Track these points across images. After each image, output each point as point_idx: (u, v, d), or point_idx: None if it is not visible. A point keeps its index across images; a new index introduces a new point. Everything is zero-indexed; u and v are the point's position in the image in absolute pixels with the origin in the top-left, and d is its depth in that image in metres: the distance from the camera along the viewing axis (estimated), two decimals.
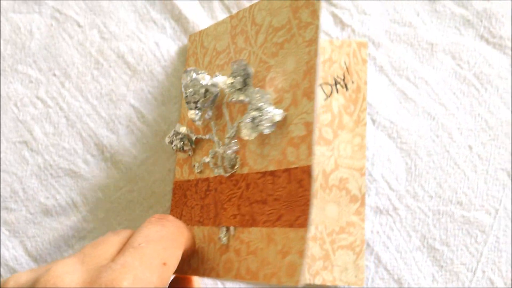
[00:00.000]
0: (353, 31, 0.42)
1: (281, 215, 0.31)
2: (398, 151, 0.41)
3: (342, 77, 0.41)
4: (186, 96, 0.37)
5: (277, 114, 0.32)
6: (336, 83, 0.41)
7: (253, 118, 0.33)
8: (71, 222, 0.42)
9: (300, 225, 0.29)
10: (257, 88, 0.34)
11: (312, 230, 0.39)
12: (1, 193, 0.42)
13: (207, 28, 0.41)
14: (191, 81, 0.36)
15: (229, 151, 0.35)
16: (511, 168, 0.40)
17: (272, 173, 0.32)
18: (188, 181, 0.38)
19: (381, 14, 0.42)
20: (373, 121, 0.41)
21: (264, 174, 0.33)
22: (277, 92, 0.33)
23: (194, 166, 0.38)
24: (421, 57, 0.42)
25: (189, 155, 0.39)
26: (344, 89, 0.41)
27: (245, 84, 0.35)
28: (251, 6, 0.37)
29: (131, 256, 0.28)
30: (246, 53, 0.36)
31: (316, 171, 0.40)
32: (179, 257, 0.31)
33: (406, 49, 0.42)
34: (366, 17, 0.42)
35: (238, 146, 0.35)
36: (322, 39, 0.41)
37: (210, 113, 0.37)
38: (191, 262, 0.36)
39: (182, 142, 0.38)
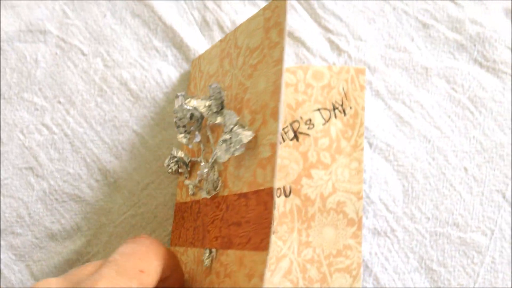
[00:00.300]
0: (349, 56, 0.43)
1: (250, 238, 0.30)
2: (395, 173, 0.41)
3: (341, 103, 0.42)
4: (175, 120, 0.38)
5: (245, 135, 0.32)
6: (334, 109, 0.42)
7: (225, 140, 0.33)
8: (76, 246, 0.43)
9: (263, 248, 0.29)
10: (229, 111, 0.34)
11: (309, 253, 0.40)
12: (8, 218, 0.43)
13: (204, 52, 0.42)
14: (179, 106, 0.37)
15: (211, 173, 0.36)
16: (506, 190, 0.41)
17: (245, 195, 0.32)
18: (185, 203, 0.40)
19: (377, 40, 0.43)
20: (370, 144, 0.42)
21: (239, 196, 0.33)
22: (251, 113, 0.33)
23: (188, 188, 0.39)
24: (416, 81, 0.43)
25: (186, 177, 0.40)
26: (342, 114, 0.41)
27: (221, 107, 0.36)
28: (235, 29, 0.38)
29: (107, 268, 0.29)
30: (230, 75, 0.37)
31: (314, 194, 0.40)
32: (158, 267, 0.31)
33: (401, 73, 0.43)
34: (362, 43, 0.43)
35: (216, 167, 0.36)
36: (321, 65, 0.43)
37: (198, 136, 0.38)
38: (185, 284, 0.36)
39: (176, 165, 0.39)
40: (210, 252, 0.34)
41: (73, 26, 0.46)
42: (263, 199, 0.30)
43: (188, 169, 0.39)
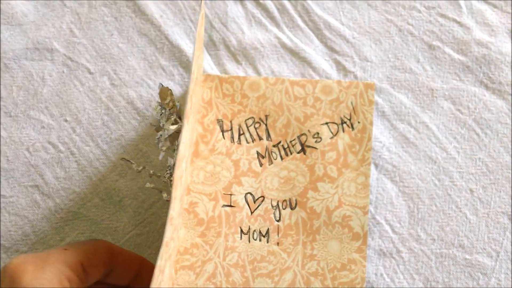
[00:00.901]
0: (355, 77, 0.44)
1: None
2: (401, 194, 0.42)
3: (349, 117, 0.42)
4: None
5: (170, 129, 0.33)
6: (342, 123, 0.42)
7: (159, 138, 0.35)
8: None
9: None
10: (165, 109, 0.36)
11: (313, 266, 0.40)
12: (13, 236, 0.43)
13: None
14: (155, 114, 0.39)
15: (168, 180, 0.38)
16: None
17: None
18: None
19: (383, 61, 0.44)
20: (376, 165, 0.42)
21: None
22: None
23: None
24: (422, 102, 0.43)
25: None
26: (350, 128, 0.42)
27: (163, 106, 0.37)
28: None
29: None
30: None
31: (320, 207, 0.41)
32: (89, 250, 0.34)
33: (407, 94, 0.43)
34: (368, 64, 0.44)
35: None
36: (330, 80, 0.43)
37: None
38: None
39: (169, 173, 0.40)
40: None
41: (80, 44, 0.46)
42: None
43: None
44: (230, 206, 0.41)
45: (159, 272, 0.30)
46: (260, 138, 0.42)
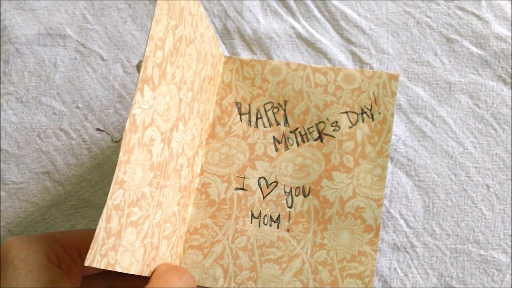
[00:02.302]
0: (371, 69, 0.43)
1: None
2: (416, 188, 0.41)
3: (369, 107, 0.41)
4: None
5: None
6: (362, 113, 0.41)
7: None
8: None
9: None
10: None
11: (323, 255, 0.39)
12: (23, 223, 0.43)
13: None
14: None
15: None
16: None
17: None
18: None
19: (400, 53, 0.43)
20: (391, 159, 0.41)
21: None
22: None
23: None
24: (439, 96, 0.42)
25: None
26: (370, 119, 0.41)
27: None
28: None
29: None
30: None
31: (333, 197, 0.40)
32: (86, 236, 0.33)
33: (424, 88, 0.42)
34: (384, 56, 0.43)
35: None
36: (353, 68, 0.43)
37: None
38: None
39: None
40: None
41: (93, 31, 0.46)
42: None
43: None
44: (243, 189, 0.41)
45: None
46: (278, 123, 0.42)
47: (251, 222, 0.40)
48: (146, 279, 0.36)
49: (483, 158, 0.41)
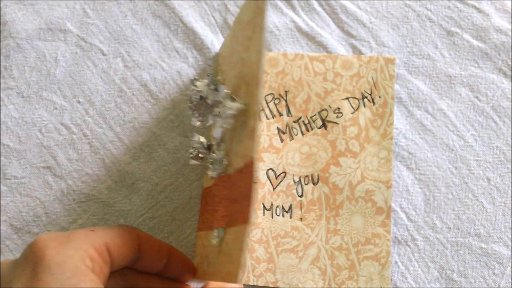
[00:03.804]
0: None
1: (241, 212, 0.29)
2: (417, 182, 0.41)
3: (370, 92, 0.42)
4: (189, 105, 0.37)
5: (232, 107, 0.32)
6: (363, 97, 0.42)
7: (216, 115, 0.33)
8: None
9: (243, 221, 0.28)
10: (221, 85, 0.33)
11: (337, 241, 0.39)
12: (24, 217, 0.43)
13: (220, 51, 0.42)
14: (191, 90, 0.36)
15: (217, 153, 0.36)
16: None
17: (241, 170, 0.31)
18: (209, 187, 0.40)
19: (400, 46, 0.43)
20: (392, 151, 0.41)
21: (238, 171, 0.32)
22: (246, 85, 0.32)
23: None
24: (439, 89, 0.42)
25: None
26: (371, 103, 0.41)
27: (215, 83, 0.34)
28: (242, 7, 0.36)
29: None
30: (235, 53, 0.36)
31: (342, 182, 0.40)
32: (115, 234, 0.33)
33: (424, 81, 0.42)
34: (385, 49, 0.43)
35: (226, 148, 0.34)
36: (350, 54, 0.43)
37: (209, 119, 0.36)
38: (203, 268, 0.36)
39: (197, 150, 0.39)
40: (218, 231, 0.34)
41: (93, 25, 0.46)
42: (249, 170, 0.29)
43: (207, 154, 0.39)
44: None
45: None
46: (280, 114, 0.42)
47: (264, 215, 0.40)
48: (161, 280, 0.36)
49: (484, 151, 0.41)
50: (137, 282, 0.35)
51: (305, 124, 0.42)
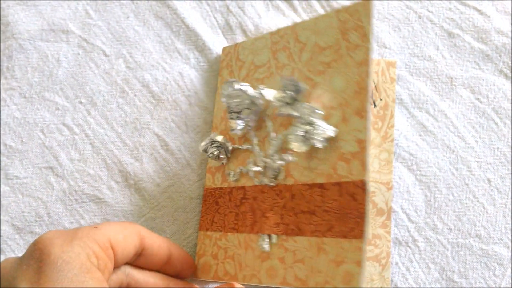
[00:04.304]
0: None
1: (332, 226, 0.33)
2: (418, 183, 0.41)
3: (371, 95, 0.42)
4: (229, 106, 0.38)
5: (330, 129, 0.33)
6: None
7: (306, 132, 0.34)
8: None
9: (355, 236, 0.31)
10: (307, 104, 0.35)
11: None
12: (26, 218, 0.43)
13: (243, 42, 0.42)
14: (236, 91, 0.37)
15: (278, 162, 0.36)
16: None
17: (320, 185, 0.34)
18: (221, 188, 0.40)
19: (401, 48, 0.43)
20: (393, 153, 0.41)
21: (311, 186, 0.34)
22: (324, 108, 0.35)
23: (228, 174, 0.39)
24: (440, 90, 0.42)
25: (223, 163, 0.40)
26: (373, 106, 0.42)
27: (294, 99, 0.36)
28: (294, 25, 0.39)
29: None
30: (289, 68, 0.38)
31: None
32: (118, 229, 0.34)
33: (425, 82, 0.43)
34: (386, 51, 0.43)
35: (291, 158, 0.36)
36: None
37: (251, 124, 0.38)
38: (227, 269, 0.37)
39: (218, 151, 0.39)
40: (270, 237, 0.35)
41: (95, 26, 0.46)
42: (348, 191, 0.32)
43: (229, 155, 0.40)
44: None
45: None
46: None
47: None
48: (161, 278, 0.36)
49: (485, 153, 0.41)
50: (138, 278, 0.36)
51: None
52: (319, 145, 0.34)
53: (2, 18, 0.46)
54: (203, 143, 0.40)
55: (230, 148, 0.40)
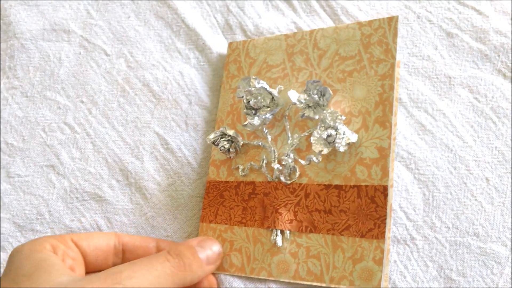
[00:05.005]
0: None
1: (349, 226, 0.36)
2: (416, 182, 0.41)
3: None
4: (248, 102, 0.39)
5: (354, 136, 0.36)
6: None
7: (329, 136, 0.36)
8: None
9: (375, 236, 0.35)
10: (331, 109, 0.37)
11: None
12: (28, 215, 0.43)
13: (254, 40, 0.43)
14: (257, 89, 0.38)
15: (300, 161, 0.38)
16: None
17: (338, 187, 0.37)
18: (227, 182, 0.41)
19: (400, 47, 0.43)
20: (394, 152, 0.42)
21: (327, 186, 0.37)
22: (344, 114, 0.37)
23: (237, 168, 0.40)
24: (439, 90, 0.43)
25: (230, 157, 0.41)
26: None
27: (318, 103, 0.37)
28: (312, 31, 0.40)
29: None
30: (307, 72, 0.40)
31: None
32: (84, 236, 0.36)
33: (424, 82, 0.43)
34: None
35: (315, 160, 0.37)
36: None
37: (267, 122, 0.39)
38: (233, 261, 0.39)
39: (229, 144, 0.40)
40: (282, 233, 0.37)
41: (97, 26, 0.46)
42: (367, 194, 0.36)
43: (238, 150, 0.41)
44: None
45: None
46: None
47: None
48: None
49: (483, 152, 0.42)
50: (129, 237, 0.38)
51: None
52: (342, 149, 0.36)
53: (4, 18, 0.47)
54: (211, 136, 0.40)
55: (241, 143, 0.40)
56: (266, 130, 0.39)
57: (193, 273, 0.34)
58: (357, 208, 0.36)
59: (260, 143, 0.40)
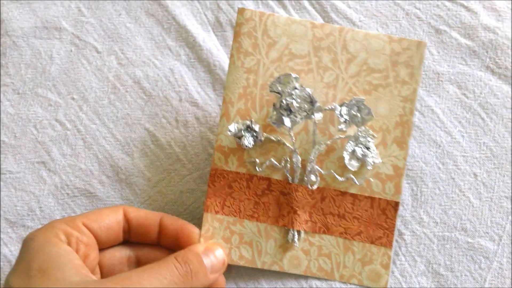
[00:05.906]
0: None
1: (360, 232, 0.39)
2: (404, 177, 0.42)
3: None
4: (282, 101, 0.38)
5: (379, 159, 0.38)
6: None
7: (363, 155, 0.38)
8: None
9: (383, 244, 0.39)
10: (364, 127, 0.38)
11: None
12: (19, 211, 0.44)
13: (273, 15, 0.40)
14: (301, 91, 0.38)
15: (310, 164, 0.39)
16: None
17: (353, 195, 0.39)
18: (237, 173, 0.40)
19: None
20: None
21: (343, 193, 0.39)
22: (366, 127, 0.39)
23: (253, 162, 0.39)
24: (427, 86, 0.43)
25: (245, 147, 0.39)
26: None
27: (356, 122, 0.38)
28: (341, 28, 0.40)
29: None
30: (333, 74, 0.40)
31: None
32: (91, 213, 0.37)
33: None
34: None
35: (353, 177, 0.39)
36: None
37: (295, 124, 0.39)
38: (243, 254, 0.39)
39: (253, 139, 0.39)
40: (298, 233, 0.39)
41: (88, 24, 0.47)
42: (380, 206, 0.39)
43: (258, 144, 0.39)
44: None
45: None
46: None
47: None
48: (165, 252, 0.38)
49: (471, 147, 0.42)
50: (142, 252, 0.39)
51: None
52: (369, 167, 0.38)
53: None
54: (232, 127, 0.39)
55: (263, 138, 0.39)
56: (292, 132, 0.39)
57: (199, 282, 0.35)
58: (369, 217, 0.39)
59: (279, 139, 0.39)
